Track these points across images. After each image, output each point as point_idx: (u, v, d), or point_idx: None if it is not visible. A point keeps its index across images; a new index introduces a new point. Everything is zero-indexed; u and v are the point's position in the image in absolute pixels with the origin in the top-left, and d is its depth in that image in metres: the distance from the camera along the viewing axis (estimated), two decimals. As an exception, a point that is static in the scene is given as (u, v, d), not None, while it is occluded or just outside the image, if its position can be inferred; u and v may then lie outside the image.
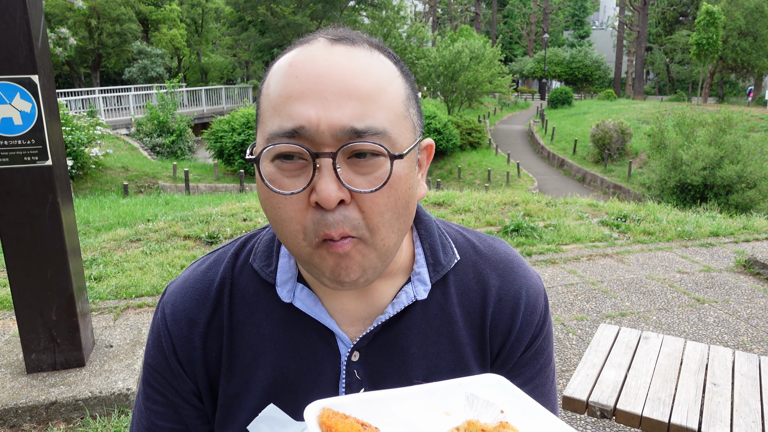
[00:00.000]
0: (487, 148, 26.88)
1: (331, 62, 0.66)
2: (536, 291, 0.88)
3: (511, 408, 0.65)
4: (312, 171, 0.65)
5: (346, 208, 0.67)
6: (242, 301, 0.83)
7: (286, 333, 0.81)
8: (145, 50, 35.33)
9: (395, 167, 0.68)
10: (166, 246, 6.30)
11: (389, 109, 0.68)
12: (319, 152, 0.65)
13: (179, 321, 0.84)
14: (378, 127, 0.66)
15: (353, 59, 0.67)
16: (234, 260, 0.87)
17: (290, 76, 0.67)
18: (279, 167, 0.68)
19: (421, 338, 0.83)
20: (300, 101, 0.65)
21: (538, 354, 0.88)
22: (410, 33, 37.16)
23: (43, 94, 2.89)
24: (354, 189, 0.66)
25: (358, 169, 0.67)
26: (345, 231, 0.67)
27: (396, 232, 0.72)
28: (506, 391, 0.68)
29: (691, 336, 4.34)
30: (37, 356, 3.23)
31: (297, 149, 0.66)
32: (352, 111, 0.65)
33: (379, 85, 0.67)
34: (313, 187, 0.66)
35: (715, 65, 35.08)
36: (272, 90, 0.69)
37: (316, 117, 0.64)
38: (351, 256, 0.69)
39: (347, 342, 0.81)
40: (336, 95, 0.65)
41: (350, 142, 0.65)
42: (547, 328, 0.89)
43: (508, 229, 6.99)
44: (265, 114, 0.69)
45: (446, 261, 0.85)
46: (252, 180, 17.70)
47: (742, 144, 15.16)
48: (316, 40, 0.70)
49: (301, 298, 0.81)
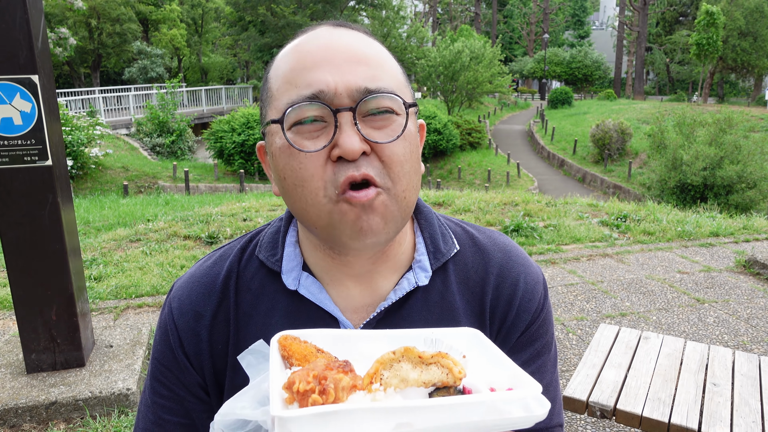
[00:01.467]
0: (487, 148, 26.87)
1: (337, 37, 0.74)
2: (534, 279, 0.90)
3: (474, 356, 0.66)
4: (332, 129, 0.71)
5: (367, 158, 0.71)
6: (248, 293, 0.85)
7: (290, 321, 0.83)
8: (145, 50, 35.33)
9: (408, 123, 0.74)
10: (166, 246, 6.30)
11: (393, 75, 0.76)
12: (340, 108, 0.70)
13: (186, 314, 0.85)
14: (388, 87, 0.73)
15: (356, 36, 0.75)
16: (240, 255, 0.89)
17: (300, 52, 0.73)
18: (298, 132, 0.72)
19: (422, 325, 0.84)
20: (315, 69, 0.71)
21: (534, 340, 0.89)
22: (410, 33, 37.16)
23: (43, 94, 2.89)
24: (374, 140, 0.72)
25: (374, 124, 0.73)
26: (368, 173, 0.71)
27: (413, 188, 0.77)
28: (477, 341, 0.69)
29: (691, 336, 4.34)
30: (37, 356, 3.23)
31: (319, 109, 0.71)
32: (364, 74, 0.72)
33: (381, 54, 0.76)
34: (335, 143, 0.70)
35: (715, 65, 35.07)
36: (281, 70, 0.75)
37: (333, 81, 0.70)
38: (374, 207, 0.72)
39: (350, 328, 0.83)
40: (347, 61, 0.72)
41: (367, 96, 0.71)
42: (544, 316, 0.90)
43: (508, 229, 6.99)
44: (278, 91, 0.74)
45: (446, 249, 0.88)
46: (252, 180, 17.70)
47: (742, 144, 15.17)
48: (319, 26, 0.77)
49: (306, 286, 0.83)
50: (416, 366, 0.58)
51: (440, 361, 0.58)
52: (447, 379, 0.58)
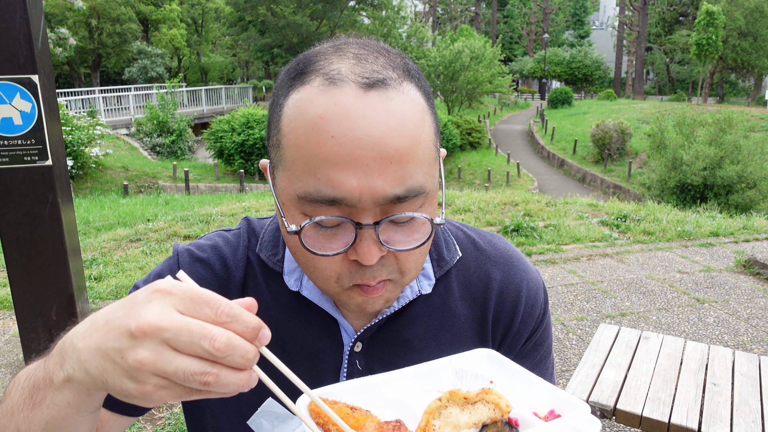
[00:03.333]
0: (487, 148, 26.88)
1: (368, 120, 0.62)
2: (536, 285, 0.90)
3: (500, 377, 0.66)
4: (351, 234, 0.66)
5: (383, 260, 0.70)
6: (254, 280, 0.84)
7: (291, 320, 0.83)
8: (145, 50, 35.33)
9: (432, 231, 0.70)
10: (166, 246, 6.30)
11: (424, 161, 0.67)
12: (362, 223, 0.65)
13: (195, 265, 0.84)
14: (416, 187, 0.66)
15: (389, 113, 0.64)
16: (247, 243, 0.88)
17: (323, 134, 0.63)
18: (316, 230, 0.67)
19: (423, 331, 0.84)
20: (339, 168, 0.63)
21: (538, 345, 0.91)
22: (410, 33, 37.15)
23: (43, 94, 2.89)
24: (394, 248, 0.68)
25: (397, 228, 0.69)
26: (382, 277, 0.70)
27: (421, 266, 0.77)
28: (495, 362, 0.69)
29: (691, 336, 4.34)
30: (37, 356, 3.22)
31: (339, 221, 0.66)
32: (393, 176, 0.64)
33: (415, 138, 0.65)
34: (354, 249, 0.67)
35: (715, 65, 35.05)
36: (302, 141, 0.64)
37: (358, 187, 0.63)
38: (380, 294, 0.72)
39: (351, 332, 0.83)
40: (376, 161, 0.63)
41: (391, 215, 0.66)
42: (546, 321, 0.92)
43: (508, 229, 6.99)
44: (294, 164, 0.66)
45: (449, 257, 0.88)
46: (252, 180, 17.69)
47: (742, 144, 15.17)
48: (345, 83, 0.64)
49: (308, 287, 0.82)
50: (464, 408, 0.58)
51: (485, 398, 0.58)
52: (495, 415, 0.58)
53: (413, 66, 0.72)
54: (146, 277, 0.87)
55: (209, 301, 0.51)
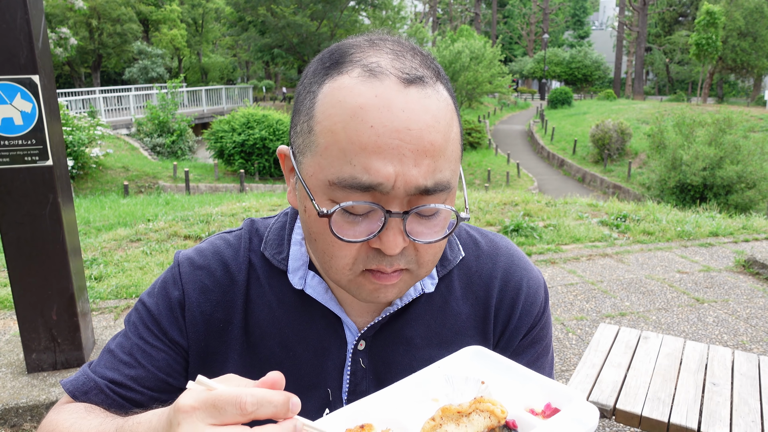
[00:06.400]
0: (486, 148, 26.88)
1: (408, 114, 0.64)
2: (536, 283, 0.91)
3: (491, 376, 0.66)
4: (379, 222, 0.67)
5: (403, 250, 0.70)
6: (257, 281, 0.85)
7: (295, 318, 0.83)
8: (146, 50, 35.34)
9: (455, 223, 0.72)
10: (167, 246, 6.30)
11: (453, 158, 0.70)
12: (392, 211, 0.66)
13: (197, 279, 0.85)
14: (444, 181, 0.68)
15: (427, 109, 0.66)
16: (249, 245, 0.88)
17: (363, 123, 0.64)
18: (343, 216, 0.68)
19: (425, 329, 0.85)
20: (377, 156, 0.64)
21: (535, 342, 0.91)
22: (410, 33, 37.15)
23: (43, 94, 2.90)
24: (418, 240, 0.69)
25: (420, 220, 0.70)
26: (399, 266, 0.71)
27: (437, 260, 0.77)
28: (484, 359, 0.69)
29: (690, 336, 4.34)
30: (37, 356, 3.24)
31: (370, 208, 0.67)
32: (426, 168, 0.66)
33: (447, 135, 0.68)
34: (379, 237, 0.68)
35: (714, 65, 35.06)
36: (339, 128, 0.65)
37: (394, 175, 0.64)
38: (394, 283, 0.72)
39: (354, 331, 0.84)
40: (414, 152, 0.64)
41: (420, 205, 0.67)
42: (545, 319, 0.92)
43: (508, 229, 6.99)
44: (327, 150, 0.66)
45: (452, 257, 0.89)
46: (252, 180, 17.70)
47: (741, 144, 15.18)
48: (386, 75, 0.65)
49: (312, 286, 0.83)
50: (459, 423, 0.58)
51: (479, 407, 0.58)
52: (492, 423, 0.58)
53: (442, 69, 0.74)
54: (151, 288, 0.87)
55: (232, 400, 0.51)
